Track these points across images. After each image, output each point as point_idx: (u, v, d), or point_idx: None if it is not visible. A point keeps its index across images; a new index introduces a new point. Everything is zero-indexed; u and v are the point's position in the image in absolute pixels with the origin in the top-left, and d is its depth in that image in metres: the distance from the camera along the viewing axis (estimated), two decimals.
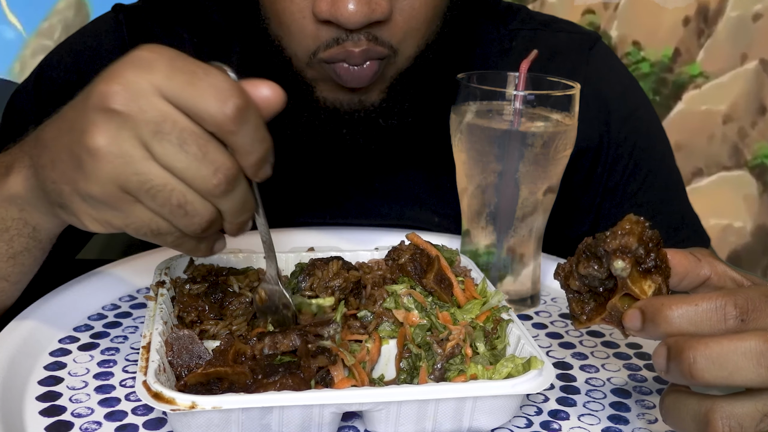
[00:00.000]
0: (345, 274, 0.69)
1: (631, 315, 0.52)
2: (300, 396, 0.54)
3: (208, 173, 0.53)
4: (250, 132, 0.53)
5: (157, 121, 0.51)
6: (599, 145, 0.98)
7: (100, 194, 0.54)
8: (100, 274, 0.80)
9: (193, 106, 0.51)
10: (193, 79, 0.51)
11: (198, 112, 0.52)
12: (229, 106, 0.51)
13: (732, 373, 0.47)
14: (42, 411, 0.60)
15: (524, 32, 1.00)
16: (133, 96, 0.51)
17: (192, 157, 0.52)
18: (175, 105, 0.52)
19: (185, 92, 0.51)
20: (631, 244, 0.53)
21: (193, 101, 0.51)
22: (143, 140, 0.52)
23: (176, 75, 0.52)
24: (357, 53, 0.76)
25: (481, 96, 0.76)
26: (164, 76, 0.52)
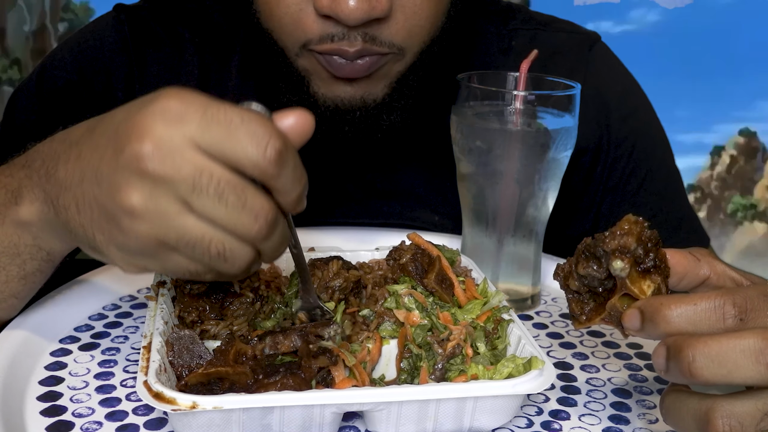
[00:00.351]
0: (345, 273, 0.69)
1: (631, 315, 0.52)
2: (301, 396, 0.54)
3: (248, 221, 0.52)
4: (290, 172, 0.52)
5: (194, 177, 0.50)
6: (599, 145, 0.98)
7: (137, 247, 0.53)
8: (101, 274, 0.80)
9: (233, 156, 0.50)
10: (230, 128, 0.50)
11: (238, 161, 0.51)
12: (269, 152, 0.50)
13: (731, 371, 0.47)
14: (43, 411, 0.60)
15: (524, 32, 1.00)
16: (168, 154, 0.50)
17: (231, 208, 0.51)
18: (212, 156, 0.51)
19: (223, 144, 0.50)
20: (629, 244, 0.53)
21: (233, 152, 0.50)
22: (180, 196, 0.51)
23: (212, 127, 0.50)
24: (351, 52, 0.76)
25: (482, 96, 0.76)
26: (199, 128, 0.50)
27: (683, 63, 2.31)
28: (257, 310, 0.67)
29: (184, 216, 0.51)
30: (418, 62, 0.82)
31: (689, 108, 2.35)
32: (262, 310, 0.68)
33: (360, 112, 0.83)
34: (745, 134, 2.44)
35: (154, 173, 0.50)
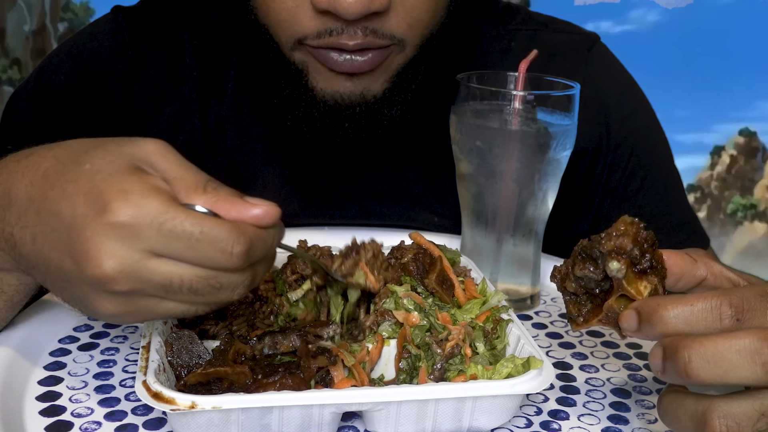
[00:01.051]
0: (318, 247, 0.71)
1: (627, 316, 0.52)
2: (300, 396, 0.54)
3: (227, 297, 0.53)
4: (259, 257, 0.53)
5: (165, 284, 0.51)
6: (598, 147, 0.98)
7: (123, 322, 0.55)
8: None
9: (199, 263, 0.51)
10: (191, 242, 0.49)
11: (205, 266, 0.51)
12: (235, 253, 0.50)
13: (727, 371, 0.47)
14: (42, 411, 0.60)
15: (523, 32, 1.00)
16: (133, 272, 0.50)
17: (207, 295, 0.52)
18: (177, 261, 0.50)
19: (187, 255, 0.50)
20: (626, 245, 0.53)
21: (199, 261, 0.50)
22: (156, 295, 0.52)
23: (171, 242, 0.49)
24: (350, 46, 0.76)
25: (481, 96, 0.76)
26: (158, 243, 0.49)
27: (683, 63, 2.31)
28: (256, 310, 0.67)
29: (164, 303, 0.52)
30: (418, 55, 0.82)
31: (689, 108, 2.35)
32: (261, 310, 0.68)
33: (360, 108, 0.82)
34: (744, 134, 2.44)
35: (124, 291, 0.50)
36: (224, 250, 0.50)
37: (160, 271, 0.50)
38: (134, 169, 0.51)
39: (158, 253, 0.50)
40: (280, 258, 0.76)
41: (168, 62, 0.95)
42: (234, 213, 0.51)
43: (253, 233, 0.51)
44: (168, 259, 0.50)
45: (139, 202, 0.49)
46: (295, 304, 0.68)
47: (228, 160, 0.95)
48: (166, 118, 0.95)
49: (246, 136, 0.96)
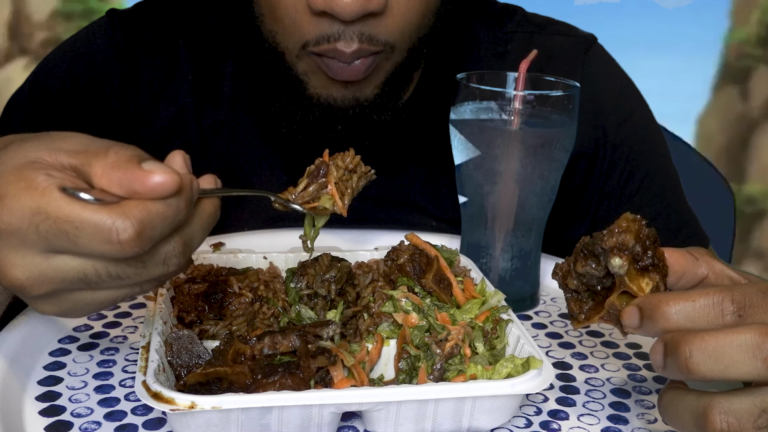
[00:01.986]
0: (337, 265, 0.69)
1: (629, 312, 0.52)
2: (299, 396, 0.54)
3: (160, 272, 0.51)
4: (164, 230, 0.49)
5: (80, 278, 0.49)
6: (595, 150, 0.98)
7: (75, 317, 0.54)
8: None
9: (91, 255, 0.48)
10: (70, 237, 0.47)
11: (99, 257, 0.48)
12: (124, 242, 0.47)
13: (728, 367, 0.47)
14: (42, 411, 0.60)
15: (520, 35, 1.00)
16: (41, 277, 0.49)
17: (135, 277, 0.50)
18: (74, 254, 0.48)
19: (75, 249, 0.48)
20: (628, 241, 0.53)
21: (90, 253, 0.48)
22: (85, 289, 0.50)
23: (53, 241, 0.47)
24: (347, 53, 0.76)
25: (481, 96, 0.76)
26: (45, 243, 0.48)
27: None
28: (256, 311, 0.67)
29: (98, 293, 0.51)
30: (406, 61, 0.83)
31: None
32: (261, 310, 0.68)
33: (353, 110, 0.83)
34: None
35: (44, 293, 0.50)
36: (109, 240, 0.46)
37: (67, 269, 0.49)
38: (19, 168, 0.48)
39: (54, 251, 0.48)
40: (289, 262, 0.76)
41: (163, 66, 0.95)
42: (126, 184, 0.47)
43: (140, 213, 0.47)
44: (69, 255, 0.48)
45: (12, 205, 0.47)
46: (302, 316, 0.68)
47: (224, 163, 0.95)
48: (161, 122, 0.95)
49: (242, 140, 0.96)
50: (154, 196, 0.48)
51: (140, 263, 0.50)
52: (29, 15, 2.01)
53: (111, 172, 0.48)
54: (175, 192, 0.48)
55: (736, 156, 2.23)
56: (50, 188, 0.47)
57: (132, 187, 0.47)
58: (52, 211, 0.47)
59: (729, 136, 2.22)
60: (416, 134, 0.95)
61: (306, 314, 0.67)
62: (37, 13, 2.00)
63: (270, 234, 0.90)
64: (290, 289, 0.70)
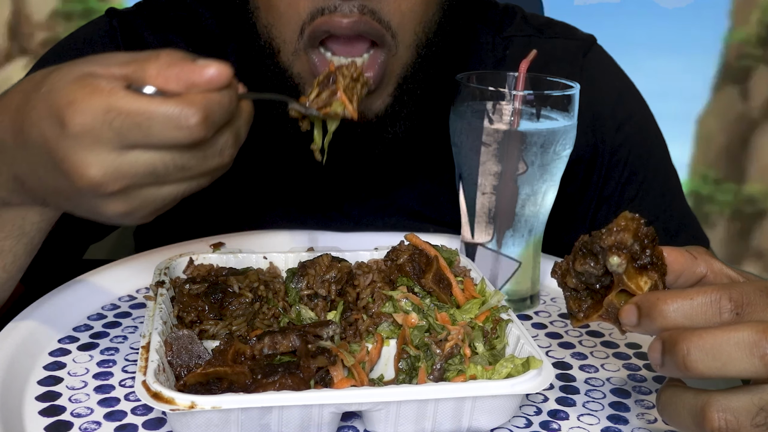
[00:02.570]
0: (337, 265, 0.69)
1: (628, 310, 0.52)
2: (299, 396, 0.54)
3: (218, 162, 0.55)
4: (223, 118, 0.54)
5: (150, 171, 0.53)
6: (593, 155, 0.98)
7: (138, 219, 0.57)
8: (100, 274, 0.80)
9: (164, 145, 0.52)
10: (142, 128, 0.51)
11: (172, 145, 0.52)
12: (193, 127, 0.51)
13: (725, 364, 0.47)
14: (41, 411, 0.60)
15: (518, 39, 0.99)
16: (116, 172, 0.52)
17: (197, 167, 0.54)
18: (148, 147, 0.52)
19: (148, 140, 0.51)
20: (626, 240, 0.53)
21: (162, 142, 0.52)
22: (152, 184, 0.54)
23: (129, 134, 0.51)
24: (345, 24, 0.74)
25: (481, 96, 0.76)
26: (119, 138, 0.51)
27: None
28: (256, 311, 0.67)
29: (163, 188, 0.55)
30: (418, 63, 0.81)
31: None
32: (261, 310, 0.68)
33: (359, 126, 0.80)
34: None
35: (118, 190, 0.53)
36: (179, 126, 0.51)
37: (139, 162, 0.52)
38: (79, 78, 0.52)
39: (127, 146, 0.51)
40: (289, 262, 0.76)
41: None
42: (184, 78, 0.52)
43: (203, 100, 0.51)
44: (140, 149, 0.52)
45: (83, 108, 0.51)
46: (302, 316, 0.68)
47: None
48: None
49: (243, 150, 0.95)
50: (210, 87, 0.52)
51: (201, 153, 0.54)
52: (29, 15, 2.01)
53: (167, 71, 0.52)
54: (227, 83, 0.53)
55: (736, 156, 2.23)
56: (116, 88, 0.51)
57: (190, 80, 0.52)
58: (123, 107, 0.50)
59: (729, 136, 2.22)
60: (418, 141, 0.94)
61: (306, 315, 0.67)
62: (37, 13, 2.00)
63: (270, 234, 0.91)
64: (290, 289, 0.70)
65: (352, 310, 0.69)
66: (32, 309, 0.71)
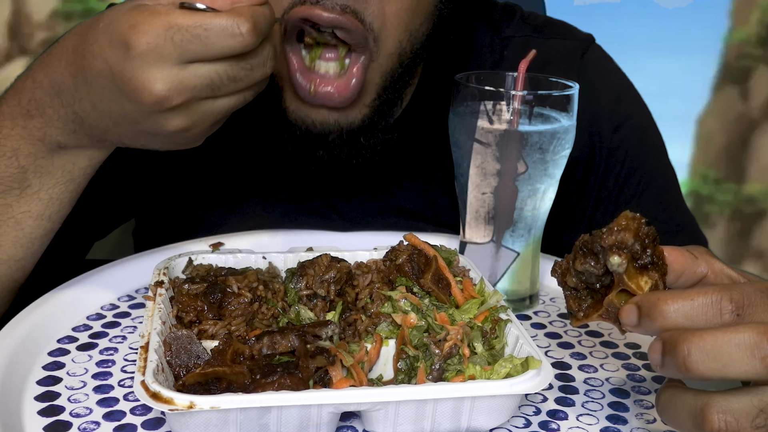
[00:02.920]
0: (336, 265, 0.69)
1: (628, 310, 0.52)
2: (298, 396, 0.54)
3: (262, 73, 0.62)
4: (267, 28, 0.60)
5: (208, 83, 0.59)
6: (591, 155, 0.98)
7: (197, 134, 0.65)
8: (99, 273, 0.80)
9: (221, 55, 0.59)
10: (201, 40, 0.57)
11: (228, 54, 0.59)
12: (244, 32, 0.58)
13: (726, 365, 0.47)
14: (40, 411, 0.60)
15: (517, 40, 0.99)
16: (179, 86, 0.58)
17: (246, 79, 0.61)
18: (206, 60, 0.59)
19: (207, 53, 0.58)
20: (627, 239, 0.53)
21: (220, 53, 0.58)
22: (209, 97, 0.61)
23: (187, 47, 0.57)
24: (325, 17, 0.73)
25: (480, 96, 0.76)
26: (181, 53, 0.57)
27: None
28: (255, 311, 0.67)
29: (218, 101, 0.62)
30: (398, 75, 0.80)
31: None
32: (260, 311, 0.68)
33: (335, 135, 0.80)
34: None
35: (181, 102, 0.59)
36: (233, 33, 0.58)
37: (198, 74, 0.59)
38: (136, 6, 0.59)
39: (188, 60, 0.58)
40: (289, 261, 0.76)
41: None
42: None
43: (249, 11, 0.59)
44: (199, 63, 0.59)
45: (146, 29, 0.57)
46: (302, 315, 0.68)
47: (222, 161, 0.95)
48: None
49: (237, 148, 0.95)
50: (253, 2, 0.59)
51: (248, 64, 0.61)
52: (29, 15, 2.01)
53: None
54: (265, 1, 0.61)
55: (736, 156, 2.23)
56: (171, 8, 0.58)
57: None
58: (182, 23, 0.57)
59: (729, 136, 2.22)
60: (415, 141, 0.94)
61: (305, 315, 0.67)
62: (37, 13, 2.00)
63: (270, 234, 0.91)
64: (290, 289, 0.70)
65: (351, 310, 0.69)
66: (32, 309, 0.71)
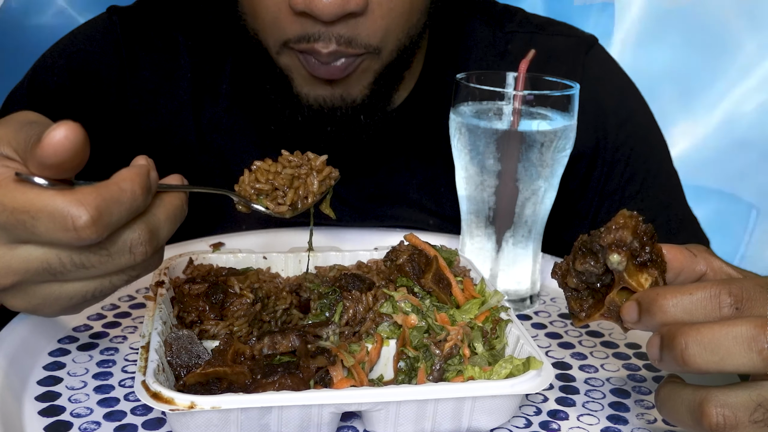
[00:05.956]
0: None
1: (628, 307, 0.52)
2: (299, 396, 0.54)
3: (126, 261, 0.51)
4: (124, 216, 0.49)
5: (45, 268, 0.49)
6: (595, 151, 0.98)
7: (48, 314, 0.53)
8: None
9: (54, 244, 0.48)
10: (27, 227, 0.47)
11: (63, 246, 0.48)
12: (80, 229, 0.46)
13: (723, 359, 0.47)
14: (41, 411, 0.60)
15: (520, 35, 1.00)
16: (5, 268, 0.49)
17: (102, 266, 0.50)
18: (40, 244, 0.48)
19: (38, 238, 0.48)
20: (625, 237, 0.53)
21: (51, 242, 0.48)
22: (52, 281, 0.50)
23: (15, 231, 0.47)
24: (324, 54, 0.77)
25: (480, 96, 0.76)
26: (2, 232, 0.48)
27: None
28: (257, 312, 0.67)
29: (66, 285, 0.51)
30: (396, 61, 0.83)
31: None
32: (262, 312, 0.68)
33: (340, 111, 0.83)
34: None
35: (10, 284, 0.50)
36: (65, 227, 0.46)
37: (30, 258, 0.49)
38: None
39: (17, 241, 0.48)
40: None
41: (162, 64, 0.95)
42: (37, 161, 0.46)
43: (95, 200, 0.47)
44: (31, 245, 0.48)
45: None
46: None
47: (221, 161, 0.95)
48: (159, 119, 0.95)
49: (240, 139, 0.96)
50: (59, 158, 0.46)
51: (104, 251, 0.49)
52: None
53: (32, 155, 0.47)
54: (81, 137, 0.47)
55: None
56: (5, 179, 0.47)
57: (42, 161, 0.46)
58: (9, 202, 0.47)
59: None
60: (415, 132, 0.95)
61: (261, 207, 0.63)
62: None
63: (270, 234, 0.91)
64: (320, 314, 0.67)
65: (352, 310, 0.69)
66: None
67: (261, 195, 0.62)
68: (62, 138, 0.46)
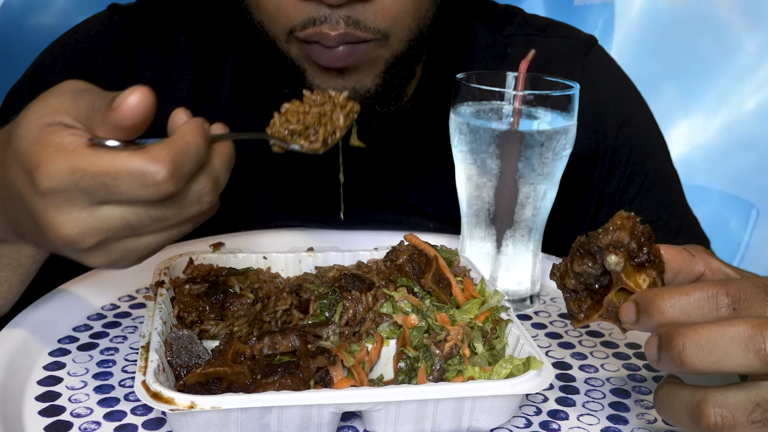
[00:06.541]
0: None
1: (626, 308, 0.53)
2: (299, 396, 0.54)
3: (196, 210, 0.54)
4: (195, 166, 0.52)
5: (125, 225, 0.52)
6: (595, 153, 0.98)
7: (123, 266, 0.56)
8: (100, 273, 0.80)
9: (133, 201, 0.51)
10: (109, 187, 0.49)
11: (141, 201, 0.51)
12: (161, 184, 0.49)
13: (721, 359, 0.47)
14: (41, 411, 0.60)
15: (519, 38, 0.99)
16: (90, 229, 0.51)
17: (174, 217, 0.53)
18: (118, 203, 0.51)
19: (118, 197, 0.50)
20: (623, 238, 0.53)
21: (131, 199, 0.50)
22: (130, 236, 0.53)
23: (97, 192, 0.50)
24: (332, 36, 0.76)
25: (480, 96, 0.76)
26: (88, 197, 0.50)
27: None
28: (257, 312, 0.67)
29: (142, 239, 0.54)
30: (408, 52, 0.82)
31: None
32: (262, 312, 0.68)
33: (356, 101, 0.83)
34: None
35: (94, 244, 0.52)
36: (146, 183, 0.49)
37: (111, 217, 0.51)
38: (42, 136, 0.51)
39: (98, 202, 0.50)
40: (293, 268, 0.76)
41: (163, 64, 0.95)
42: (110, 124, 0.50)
43: (168, 154, 0.50)
44: (112, 204, 0.51)
45: (49, 171, 0.49)
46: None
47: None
48: (159, 120, 0.95)
49: (240, 142, 0.96)
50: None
51: (177, 204, 0.52)
52: None
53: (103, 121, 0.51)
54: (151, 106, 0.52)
55: None
56: (80, 146, 0.50)
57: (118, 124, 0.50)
58: (88, 167, 0.49)
59: None
60: (415, 135, 0.95)
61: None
62: None
63: (270, 234, 0.91)
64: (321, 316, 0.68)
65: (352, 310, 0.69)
66: (32, 309, 0.71)
67: (294, 135, 0.63)
68: (138, 101, 0.50)
